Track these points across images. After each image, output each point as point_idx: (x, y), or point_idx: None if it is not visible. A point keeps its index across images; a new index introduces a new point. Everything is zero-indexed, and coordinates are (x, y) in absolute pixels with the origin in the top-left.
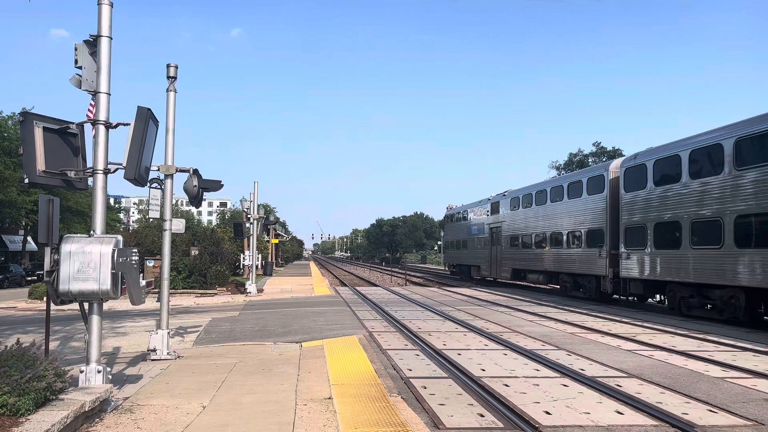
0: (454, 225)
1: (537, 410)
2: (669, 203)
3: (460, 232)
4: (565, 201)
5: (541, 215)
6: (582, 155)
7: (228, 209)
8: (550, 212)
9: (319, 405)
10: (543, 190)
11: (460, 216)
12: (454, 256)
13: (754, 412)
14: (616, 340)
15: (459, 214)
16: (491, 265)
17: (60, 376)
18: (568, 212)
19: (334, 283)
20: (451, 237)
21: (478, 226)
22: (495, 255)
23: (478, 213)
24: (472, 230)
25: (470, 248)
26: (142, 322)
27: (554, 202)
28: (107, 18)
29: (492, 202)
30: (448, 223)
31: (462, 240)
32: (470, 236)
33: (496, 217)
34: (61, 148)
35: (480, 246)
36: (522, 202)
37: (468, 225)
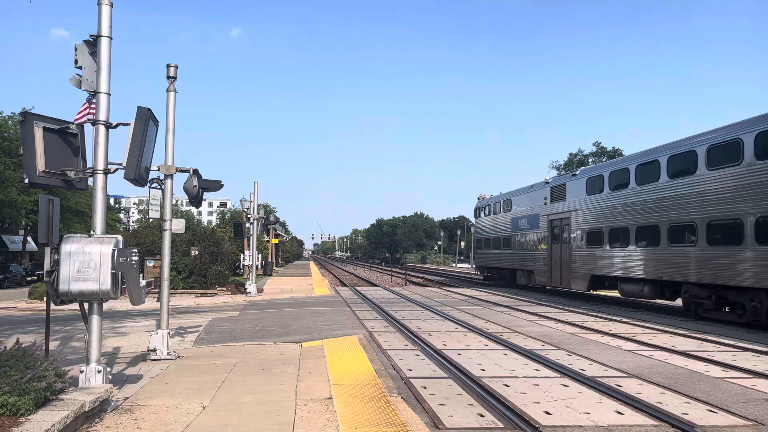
0: (490, 219)
1: (537, 410)
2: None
3: (500, 227)
4: (703, 173)
5: (650, 198)
6: (582, 155)
7: (228, 209)
8: (667, 193)
9: (319, 405)
10: (651, 161)
11: (498, 207)
12: (491, 258)
13: (754, 412)
14: (616, 340)
15: (497, 205)
16: (551, 270)
17: (60, 376)
18: (708, 191)
19: (334, 283)
20: (486, 233)
21: (528, 218)
22: (559, 256)
23: (527, 202)
24: (518, 224)
25: (515, 247)
26: (142, 322)
27: (676, 177)
28: (107, 18)
29: (552, 185)
30: (480, 216)
31: (502, 237)
32: (515, 232)
33: (560, 205)
34: (61, 148)
35: (532, 244)
36: (609, 182)
37: (512, 218)
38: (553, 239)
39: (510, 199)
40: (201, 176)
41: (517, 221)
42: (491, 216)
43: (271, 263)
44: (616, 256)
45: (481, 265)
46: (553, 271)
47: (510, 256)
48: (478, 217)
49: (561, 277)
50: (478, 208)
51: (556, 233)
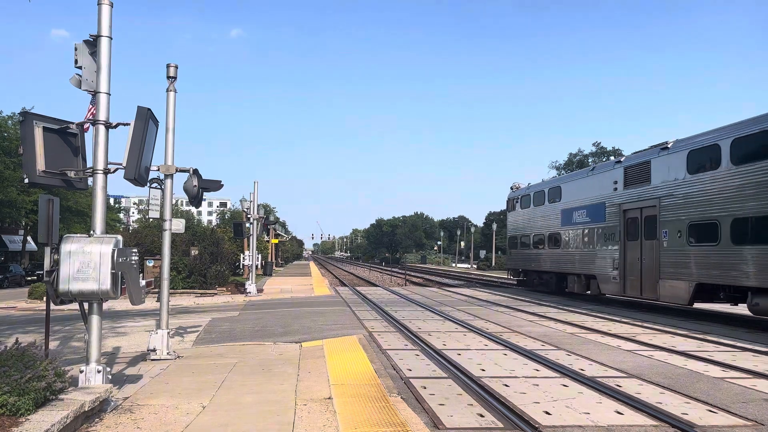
0: (528, 212)
1: (537, 410)
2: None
3: (542, 222)
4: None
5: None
6: (582, 155)
7: (228, 209)
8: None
9: (319, 405)
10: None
11: (540, 197)
12: (529, 259)
13: (753, 412)
14: (615, 340)
15: (538, 195)
16: (625, 275)
17: (60, 376)
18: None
19: (334, 283)
20: (522, 229)
21: (587, 209)
22: (638, 257)
23: (586, 189)
24: (571, 217)
25: (566, 245)
26: (142, 322)
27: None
28: (107, 18)
29: (627, 165)
30: (514, 209)
31: (546, 233)
32: (566, 227)
33: (640, 190)
34: (61, 148)
35: (592, 242)
36: (732, 154)
37: (562, 209)
38: (629, 235)
39: (558, 187)
40: (201, 176)
41: (570, 213)
42: (530, 208)
43: (270, 263)
44: (746, 256)
45: (514, 267)
46: (629, 276)
47: (557, 257)
48: (512, 210)
49: (642, 284)
50: (512, 200)
51: (634, 227)
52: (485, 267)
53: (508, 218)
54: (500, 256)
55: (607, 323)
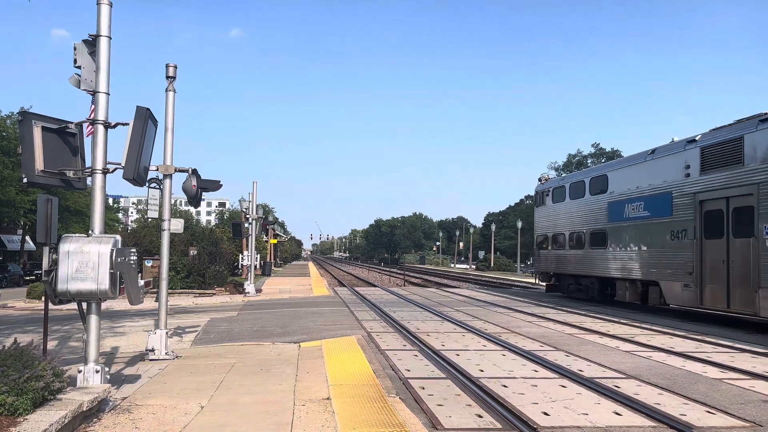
0: (562, 207)
1: (535, 411)
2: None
3: (581, 217)
4: None
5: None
6: (581, 156)
7: (227, 209)
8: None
9: (318, 405)
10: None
11: (579, 188)
12: (564, 260)
13: (752, 413)
14: (614, 341)
15: (576, 186)
16: (702, 282)
17: (58, 375)
18: None
19: (333, 283)
20: (553, 227)
21: (645, 200)
22: (722, 259)
23: (643, 176)
24: (622, 211)
25: (614, 245)
26: (141, 321)
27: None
28: (106, 18)
29: (705, 144)
30: (543, 204)
31: (588, 231)
32: (615, 222)
33: (726, 175)
34: (60, 147)
35: (653, 240)
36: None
37: (609, 202)
38: (708, 231)
39: (603, 176)
40: (200, 176)
41: (620, 206)
42: (565, 202)
43: (269, 263)
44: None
45: (544, 270)
46: (708, 283)
47: (602, 259)
48: (540, 204)
49: (730, 294)
50: (542, 193)
51: (716, 222)
52: (484, 267)
53: (536, 214)
54: (499, 257)
55: (605, 324)
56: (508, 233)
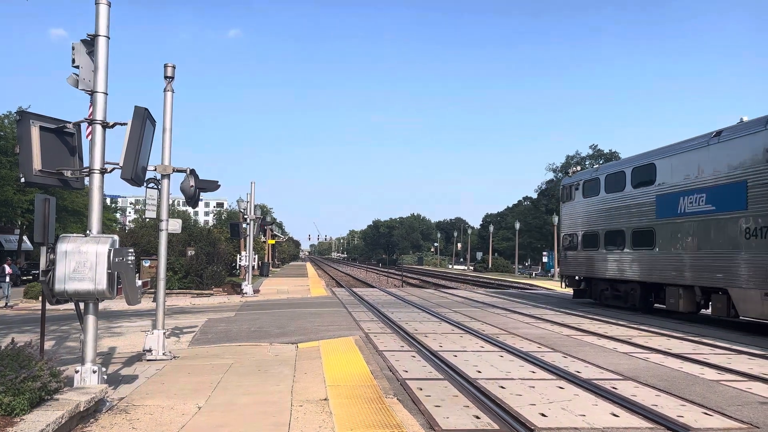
0: (596, 202)
1: (533, 412)
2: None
3: (621, 213)
4: None
5: None
6: (579, 158)
7: (225, 209)
8: None
9: (315, 406)
10: None
11: (617, 181)
12: (598, 262)
13: (749, 415)
14: (612, 343)
15: (613, 178)
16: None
17: (55, 376)
18: None
19: (331, 284)
20: (584, 224)
21: (712, 192)
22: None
23: (708, 162)
24: (676, 205)
25: (672, 245)
26: (138, 322)
27: None
28: (105, 17)
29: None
30: (571, 199)
31: (630, 229)
32: (671, 218)
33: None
34: (58, 147)
35: (727, 239)
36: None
37: (657, 195)
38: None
39: (650, 165)
40: (198, 176)
41: (673, 200)
42: (599, 196)
43: (267, 264)
44: None
45: (572, 273)
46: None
47: (649, 262)
48: (568, 200)
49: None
50: (570, 187)
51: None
52: (482, 269)
53: (563, 211)
54: (497, 258)
55: (603, 326)
56: (506, 234)
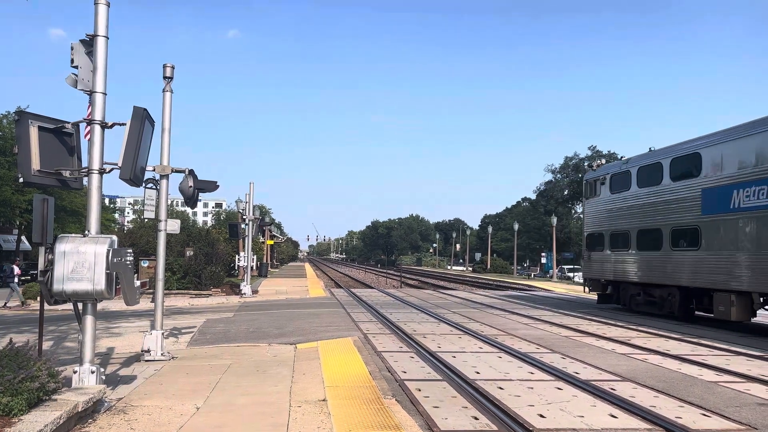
0: (627, 198)
1: (531, 413)
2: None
3: (664, 208)
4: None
5: None
6: (578, 159)
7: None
8: None
9: (314, 407)
10: None
11: (655, 171)
12: (628, 264)
13: (747, 416)
14: (610, 344)
15: (651, 168)
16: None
17: (53, 376)
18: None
19: (329, 284)
20: (616, 222)
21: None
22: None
23: None
24: (731, 199)
25: (721, 245)
26: (137, 322)
27: None
28: (104, 17)
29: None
30: (596, 195)
31: (671, 228)
32: (721, 215)
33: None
34: (57, 147)
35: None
36: None
37: (708, 188)
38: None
39: (694, 155)
40: (197, 177)
41: (725, 193)
42: (630, 191)
43: (266, 264)
44: None
45: (597, 277)
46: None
47: (693, 263)
48: (593, 195)
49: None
50: (595, 182)
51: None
52: (480, 269)
53: (587, 208)
54: (495, 259)
55: (601, 327)
56: (505, 235)
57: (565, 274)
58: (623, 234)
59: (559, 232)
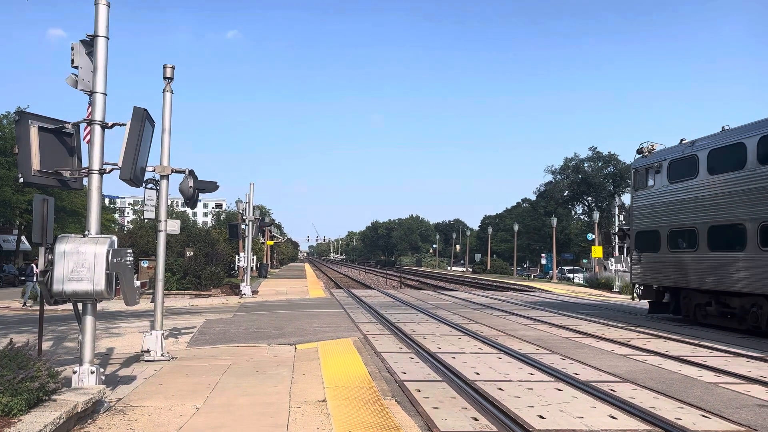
0: (694, 186)
1: (531, 414)
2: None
3: (750, 200)
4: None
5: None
6: (578, 160)
7: (223, 210)
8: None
9: (313, 407)
10: None
11: (735, 153)
12: (698, 270)
13: (747, 418)
14: (610, 345)
15: (727, 150)
16: None
17: (53, 376)
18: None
19: (329, 285)
20: (676, 217)
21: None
22: None
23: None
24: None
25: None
26: (136, 322)
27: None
28: (104, 18)
29: None
30: (649, 186)
31: (762, 223)
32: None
33: None
34: (57, 147)
35: None
36: None
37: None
38: None
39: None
40: (197, 177)
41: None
42: (698, 180)
43: (266, 265)
44: None
45: (650, 282)
46: None
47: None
48: (642, 187)
49: None
50: (643, 170)
51: None
52: (480, 270)
53: (636, 201)
54: (495, 260)
55: (601, 328)
56: (505, 236)
57: (565, 275)
58: (688, 231)
59: (559, 233)
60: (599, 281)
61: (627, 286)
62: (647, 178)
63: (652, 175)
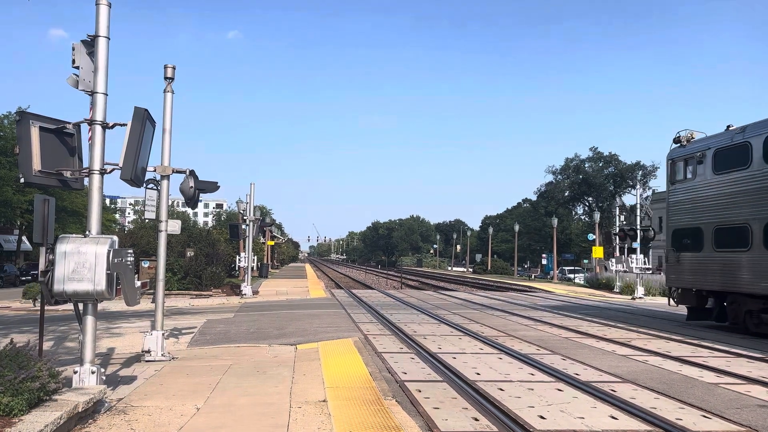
0: (744, 177)
1: (531, 414)
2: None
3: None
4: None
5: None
6: (579, 160)
7: (224, 210)
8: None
9: (314, 407)
10: None
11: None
12: (750, 272)
13: (747, 418)
14: (610, 345)
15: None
16: None
17: (54, 376)
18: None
19: (330, 285)
20: (722, 214)
21: None
22: None
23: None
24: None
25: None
26: (137, 322)
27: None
28: (105, 18)
29: None
30: (689, 179)
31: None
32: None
33: None
34: (58, 147)
35: None
36: None
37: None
38: None
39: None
40: (197, 177)
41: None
42: (750, 170)
43: (266, 265)
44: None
45: (690, 286)
46: None
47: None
48: (680, 179)
49: None
50: (682, 161)
51: None
52: (481, 270)
53: (673, 195)
54: (496, 260)
55: (602, 328)
56: (506, 236)
57: (565, 275)
58: (739, 229)
59: (560, 234)
60: (600, 281)
61: (627, 287)
62: (687, 169)
63: (692, 166)
